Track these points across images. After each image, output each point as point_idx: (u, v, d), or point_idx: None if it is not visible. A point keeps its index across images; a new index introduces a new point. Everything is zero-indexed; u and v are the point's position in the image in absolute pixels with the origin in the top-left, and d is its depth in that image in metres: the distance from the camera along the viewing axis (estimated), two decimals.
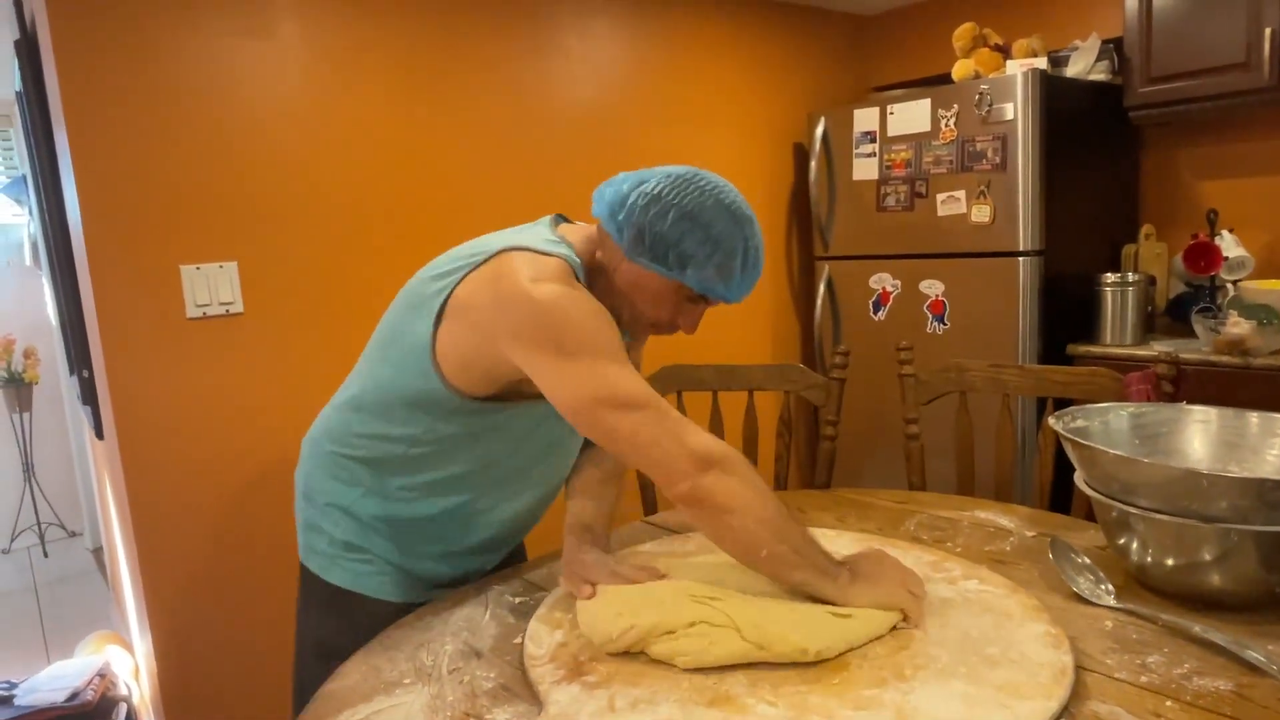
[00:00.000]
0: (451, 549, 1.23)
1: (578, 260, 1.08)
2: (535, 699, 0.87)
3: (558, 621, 1.02)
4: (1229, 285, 2.51)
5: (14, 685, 2.13)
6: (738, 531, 0.96)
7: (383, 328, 1.18)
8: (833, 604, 0.95)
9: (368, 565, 1.20)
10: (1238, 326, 2.21)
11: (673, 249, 1.04)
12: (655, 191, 1.06)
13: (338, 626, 1.18)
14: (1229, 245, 2.54)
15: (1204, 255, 2.50)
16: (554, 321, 0.98)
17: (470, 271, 1.05)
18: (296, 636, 1.28)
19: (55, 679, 2.15)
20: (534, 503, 1.26)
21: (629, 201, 1.06)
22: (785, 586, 0.99)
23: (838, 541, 1.23)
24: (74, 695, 2.07)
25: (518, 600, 1.13)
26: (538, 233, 1.10)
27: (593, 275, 1.12)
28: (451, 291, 1.06)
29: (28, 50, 2.18)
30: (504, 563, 1.33)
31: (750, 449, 1.90)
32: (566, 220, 1.18)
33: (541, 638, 0.99)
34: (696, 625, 0.91)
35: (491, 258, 1.05)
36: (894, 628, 0.95)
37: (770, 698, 0.83)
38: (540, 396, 1.03)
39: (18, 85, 2.44)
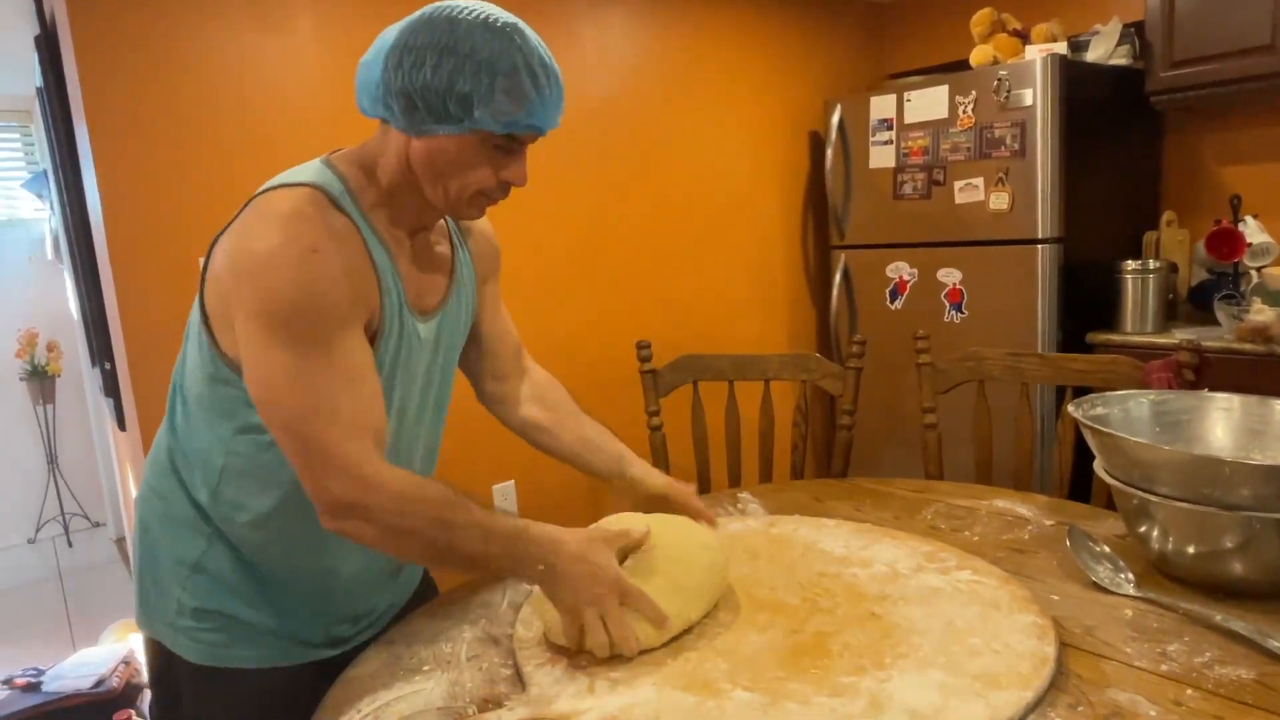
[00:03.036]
0: (325, 587, 1.06)
1: (337, 182, 0.95)
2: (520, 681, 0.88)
3: (549, 607, 1.03)
4: (1252, 272, 2.48)
5: (41, 672, 2.17)
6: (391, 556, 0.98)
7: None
8: None
9: (227, 634, 1.01)
10: (1261, 314, 2.18)
11: (449, 96, 0.88)
12: (401, 45, 0.90)
13: (214, 709, 1.03)
14: (1252, 231, 2.50)
15: (1227, 242, 2.47)
16: (264, 284, 0.87)
17: (227, 227, 0.95)
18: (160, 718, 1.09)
19: (81, 666, 2.19)
20: None
21: (382, 75, 0.91)
22: None
23: (856, 532, 1.23)
24: (100, 682, 2.11)
25: (535, 589, 1.14)
26: (303, 166, 0.99)
27: (364, 189, 0.97)
28: (211, 248, 0.96)
29: (48, 46, 2.20)
30: (407, 606, 1.19)
31: (766, 438, 1.90)
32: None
33: (532, 621, 1.01)
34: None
35: (240, 212, 0.94)
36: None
37: (747, 683, 0.84)
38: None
39: (38, 81, 2.46)
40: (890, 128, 2.80)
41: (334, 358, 0.88)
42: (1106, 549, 1.08)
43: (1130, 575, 1.04)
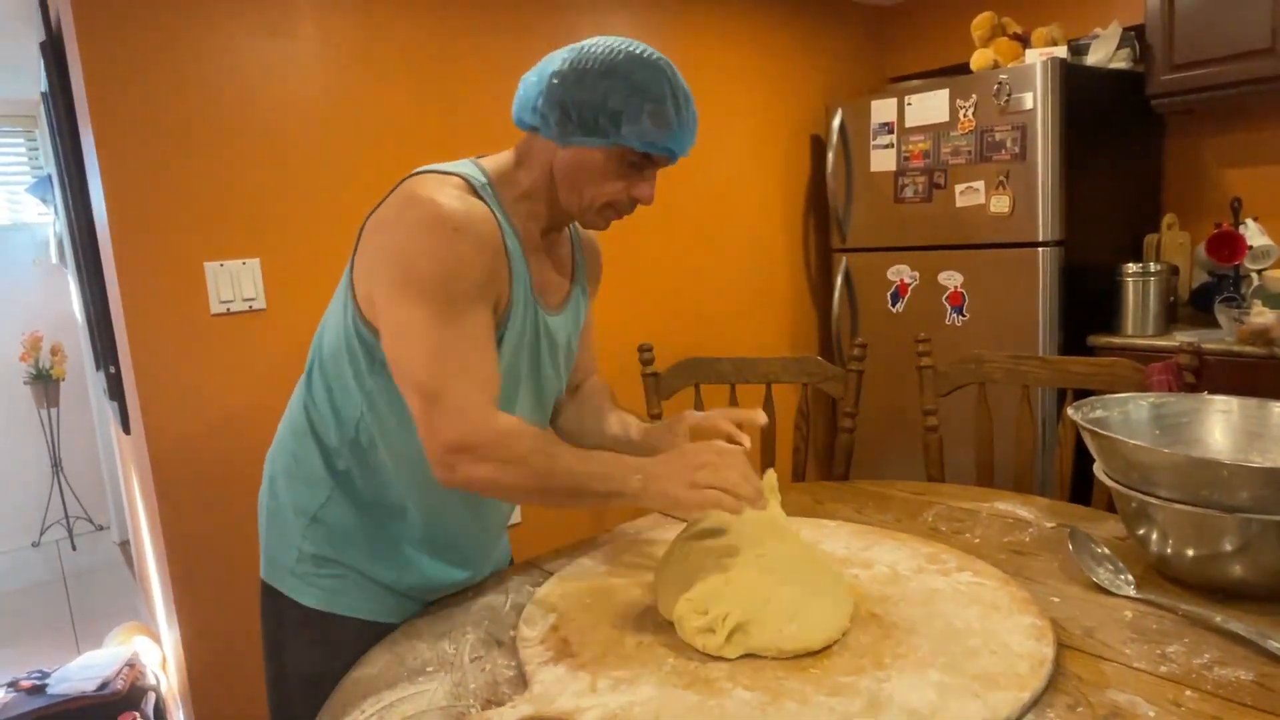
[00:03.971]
0: (433, 542, 1.15)
1: (481, 175, 1.06)
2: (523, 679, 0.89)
3: (553, 605, 1.05)
4: (1253, 275, 2.49)
5: (46, 674, 2.18)
6: (506, 499, 1.02)
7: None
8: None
9: (341, 581, 1.12)
10: (1262, 316, 2.19)
11: (601, 112, 1.00)
12: (565, 67, 1.02)
13: (319, 653, 1.11)
14: (1253, 234, 2.51)
15: (1227, 244, 2.48)
16: (409, 248, 0.97)
17: (378, 206, 1.05)
18: (269, 666, 1.18)
19: (86, 669, 2.19)
20: None
21: (544, 89, 1.03)
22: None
23: (857, 534, 1.24)
24: (104, 684, 2.12)
25: (537, 590, 1.14)
26: (452, 162, 1.10)
27: (505, 185, 1.08)
28: (365, 222, 1.06)
29: (54, 51, 2.22)
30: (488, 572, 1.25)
31: (768, 441, 1.90)
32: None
33: (535, 620, 1.02)
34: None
35: (389, 194, 1.04)
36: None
37: (747, 683, 0.85)
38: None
39: (44, 86, 2.47)
40: (891, 131, 2.80)
41: (463, 324, 0.98)
42: (1107, 551, 1.09)
43: (1130, 577, 1.04)
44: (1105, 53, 2.62)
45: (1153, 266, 2.48)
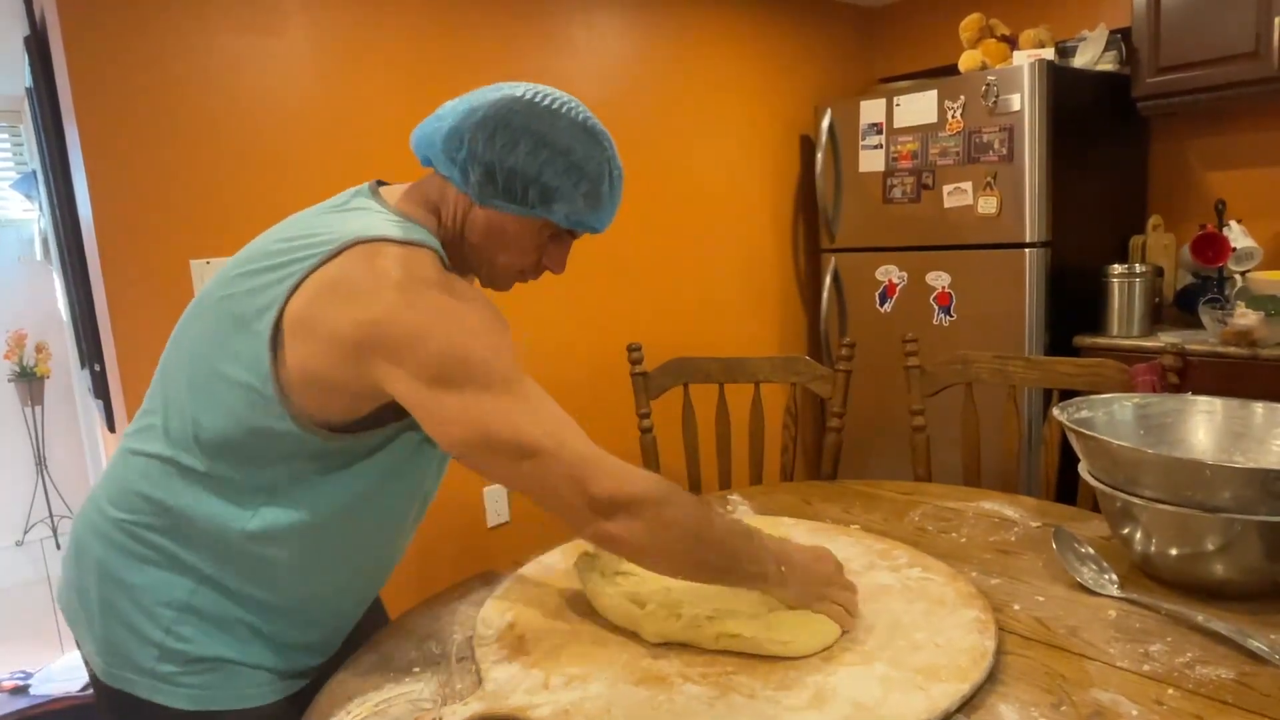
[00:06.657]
0: (325, 615, 1.01)
1: (438, 243, 0.91)
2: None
3: (509, 606, 1.06)
4: (1237, 276, 2.51)
5: (29, 675, 2.16)
6: (653, 566, 0.91)
7: (184, 353, 0.93)
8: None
9: (217, 674, 0.92)
10: (1245, 317, 2.20)
11: (532, 185, 0.91)
12: (496, 118, 0.90)
13: None
14: (1237, 236, 2.53)
15: (1212, 246, 2.49)
16: (436, 346, 0.82)
17: (307, 275, 0.84)
18: None
19: (69, 669, 2.18)
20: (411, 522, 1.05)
21: (465, 137, 0.91)
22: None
23: (812, 531, 1.24)
24: (88, 685, 2.10)
25: (502, 586, 1.14)
26: (372, 212, 0.91)
27: (449, 245, 0.96)
28: (286, 302, 0.85)
29: (38, 46, 2.19)
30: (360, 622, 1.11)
31: (756, 441, 1.90)
32: (385, 184, 1.00)
33: (492, 620, 1.03)
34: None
35: (336, 255, 0.85)
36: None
37: (697, 678, 0.87)
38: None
39: (28, 81, 2.45)
40: (880, 132, 2.81)
41: (531, 382, 0.88)
42: (1091, 550, 1.10)
43: (1114, 576, 1.05)
44: (1092, 55, 2.64)
45: (1138, 268, 2.49)
